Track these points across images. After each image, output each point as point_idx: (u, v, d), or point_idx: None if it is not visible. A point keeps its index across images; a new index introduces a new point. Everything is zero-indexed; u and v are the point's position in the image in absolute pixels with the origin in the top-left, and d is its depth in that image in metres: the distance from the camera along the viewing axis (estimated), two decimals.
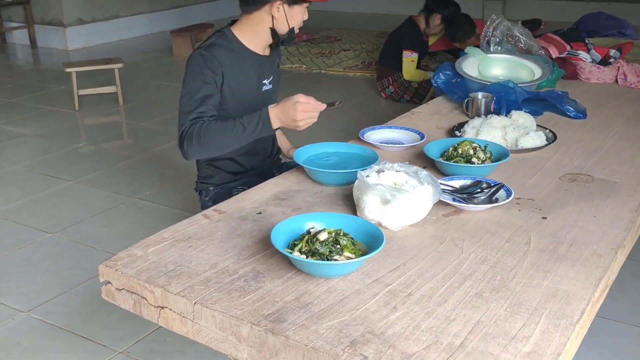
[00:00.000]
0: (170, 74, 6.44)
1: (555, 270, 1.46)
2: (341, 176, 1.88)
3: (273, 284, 1.42)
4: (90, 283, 2.73)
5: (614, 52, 3.13)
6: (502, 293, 1.38)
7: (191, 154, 2.12)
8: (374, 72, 6.13)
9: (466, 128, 2.30)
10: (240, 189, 2.33)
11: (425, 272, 1.46)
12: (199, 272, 1.47)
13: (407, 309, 1.32)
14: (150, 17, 8.61)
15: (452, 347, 1.21)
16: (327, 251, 1.42)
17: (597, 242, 1.59)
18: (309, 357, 1.22)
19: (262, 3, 2.20)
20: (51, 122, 4.97)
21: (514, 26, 3.12)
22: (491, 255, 1.53)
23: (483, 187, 1.83)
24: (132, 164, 4.06)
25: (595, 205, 1.79)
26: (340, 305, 1.34)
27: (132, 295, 1.47)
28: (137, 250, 1.56)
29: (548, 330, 1.26)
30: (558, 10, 8.30)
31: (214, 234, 1.64)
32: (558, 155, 2.16)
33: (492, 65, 2.90)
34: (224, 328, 1.33)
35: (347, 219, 1.56)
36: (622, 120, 2.53)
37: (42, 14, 7.89)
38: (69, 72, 5.21)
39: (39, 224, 3.26)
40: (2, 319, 2.50)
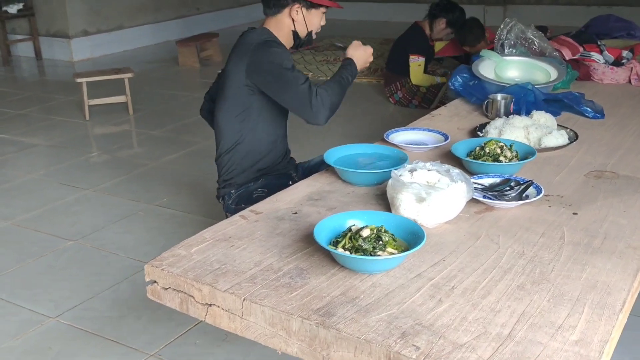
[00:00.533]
0: (178, 83, 6.48)
1: (593, 263, 1.50)
2: (373, 176, 1.91)
3: (318, 280, 1.45)
4: (116, 289, 2.76)
5: (627, 53, 3.18)
6: (543, 285, 1.41)
7: (328, 115, 2.28)
8: (379, 79, 6.18)
9: (488, 128, 2.33)
10: (261, 191, 2.39)
11: (466, 266, 1.50)
12: (244, 270, 1.50)
13: (452, 302, 1.36)
14: (154, 27, 8.66)
15: (501, 337, 1.24)
16: (371, 247, 1.45)
17: (630, 235, 1.63)
18: (362, 349, 1.25)
19: (282, 6, 2.38)
20: (62, 132, 5.01)
21: (527, 29, 3.16)
22: (527, 249, 1.57)
23: (512, 184, 1.86)
24: (146, 171, 4.10)
25: (623, 200, 1.83)
26: (386, 299, 1.37)
27: (179, 293, 1.50)
28: (181, 250, 1.59)
29: (592, 319, 1.29)
30: (558, 15, 8.36)
31: (253, 233, 1.67)
32: (581, 153, 2.20)
33: (508, 68, 2.94)
34: (274, 323, 1.36)
35: (386, 217, 1.60)
36: (639, 120, 2.57)
37: (47, 26, 7.94)
38: (79, 83, 5.25)
39: (60, 232, 3.29)
40: (31, 325, 2.52)
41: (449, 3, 5.32)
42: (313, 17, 2.42)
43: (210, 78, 6.76)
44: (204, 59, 7.33)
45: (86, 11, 7.90)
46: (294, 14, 2.38)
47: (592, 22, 3.94)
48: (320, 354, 1.30)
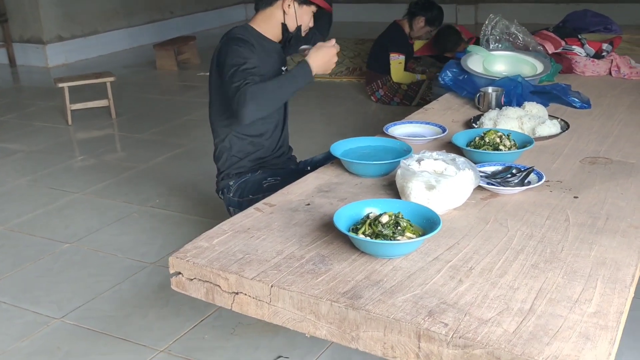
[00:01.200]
0: (158, 87, 6.48)
1: (599, 242, 1.57)
2: (380, 167, 1.97)
3: (340, 265, 1.50)
4: (118, 289, 2.78)
5: (606, 46, 3.29)
6: (555, 264, 1.48)
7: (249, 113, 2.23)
8: (359, 78, 6.25)
9: (483, 120, 2.41)
10: (272, 179, 2.44)
11: (480, 248, 1.56)
12: (267, 258, 1.54)
13: (472, 282, 1.42)
14: (129, 32, 8.63)
15: (523, 312, 1.30)
16: (390, 232, 1.51)
17: (630, 215, 1.71)
18: (391, 328, 1.30)
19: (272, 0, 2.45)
20: (45, 137, 4.98)
21: (511, 24, 3.25)
22: (536, 231, 1.64)
23: (514, 172, 1.94)
24: (136, 174, 4.11)
25: (619, 184, 1.92)
26: (409, 281, 1.43)
27: (205, 283, 1.54)
28: (203, 242, 1.63)
29: (606, 293, 1.36)
30: (528, 12, 8.52)
31: (270, 224, 1.72)
32: (573, 141, 2.28)
33: (495, 62, 3.03)
34: (302, 307, 1.41)
35: (401, 204, 1.65)
36: (623, 109, 2.67)
37: (21, 32, 7.87)
38: (60, 88, 5.23)
39: (55, 235, 3.29)
40: (37, 327, 2.53)
41: (427, 2, 5.42)
42: (304, 12, 2.49)
43: (189, 81, 6.83)
44: (182, 62, 7.34)
45: (60, 16, 7.85)
46: (286, 7, 2.45)
47: (569, 17, 4.06)
48: (350, 335, 1.36)
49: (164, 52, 7.21)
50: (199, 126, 5.04)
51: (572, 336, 1.23)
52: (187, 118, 5.30)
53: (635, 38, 3.85)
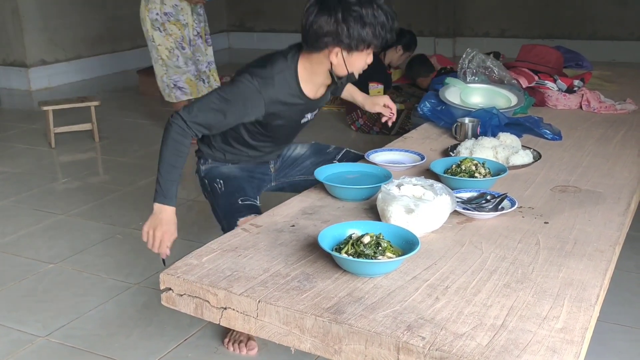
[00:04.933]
0: (141, 112, 6.55)
1: (567, 264, 1.68)
2: (361, 192, 2.07)
3: (324, 283, 1.59)
4: (102, 308, 2.82)
5: (578, 82, 3.44)
6: (526, 284, 1.58)
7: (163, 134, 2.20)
8: (340, 106, 6.38)
9: (460, 149, 2.52)
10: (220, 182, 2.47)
11: (456, 269, 1.66)
12: (254, 275, 1.62)
13: (448, 299, 1.51)
14: (112, 57, 8.70)
15: (495, 327, 1.39)
16: (372, 252, 1.60)
17: (596, 240, 1.82)
18: (372, 341, 1.39)
19: (320, 48, 2.19)
20: (28, 160, 5.02)
21: (487, 58, 3.40)
22: (508, 254, 1.74)
23: (488, 198, 2.04)
24: (120, 196, 4.16)
25: (587, 211, 2.03)
26: (389, 298, 1.52)
27: (194, 299, 1.61)
28: (193, 260, 1.71)
29: (572, 311, 1.46)
30: (504, 47, 8.76)
31: (257, 244, 1.80)
32: (545, 170, 2.40)
33: (472, 94, 3.16)
34: (288, 322, 1.48)
35: (382, 226, 1.75)
36: (593, 141, 2.80)
37: (4, 56, 7.91)
38: (45, 111, 5.28)
39: (39, 256, 3.33)
40: (22, 344, 2.56)
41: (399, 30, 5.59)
42: (355, 59, 2.22)
43: (172, 106, 6.88)
44: None
45: (44, 41, 7.90)
46: (332, 57, 2.19)
47: None
48: (333, 348, 1.44)
49: (147, 77, 7.26)
50: None
51: (541, 350, 1.32)
52: None
53: (605, 74, 4.02)
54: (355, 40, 2.14)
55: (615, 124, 3.04)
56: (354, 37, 2.13)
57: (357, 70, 2.28)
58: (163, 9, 5.24)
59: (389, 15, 2.17)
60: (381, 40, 2.19)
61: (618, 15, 8.25)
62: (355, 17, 2.11)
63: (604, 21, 8.34)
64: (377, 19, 2.14)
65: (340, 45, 2.16)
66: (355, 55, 2.20)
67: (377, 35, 2.16)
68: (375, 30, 2.15)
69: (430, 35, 9.25)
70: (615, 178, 2.32)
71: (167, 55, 5.25)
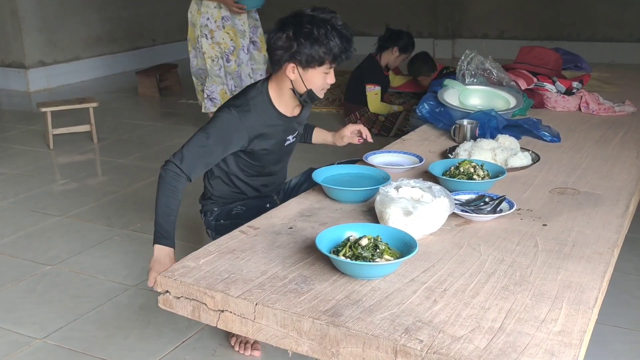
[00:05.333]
0: (140, 113, 6.54)
1: (565, 267, 1.67)
2: (359, 194, 2.06)
3: (322, 285, 1.58)
4: (100, 310, 2.81)
5: (577, 84, 3.44)
6: (524, 286, 1.57)
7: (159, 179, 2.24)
8: (339, 108, 6.37)
9: (459, 151, 2.52)
10: (240, 208, 2.50)
11: (453, 271, 1.65)
12: (252, 278, 1.62)
13: (446, 302, 1.50)
14: (111, 58, 8.70)
15: (493, 330, 1.39)
16: (370, 255, 1.59)
17: (595, 242, 1.81)
18: (370, 344, 1.38)
19: (279, 64, 2.32)
20: (27, 161, 5.01)
21: (486, 60, 3.39)
22: (507, 256, 1.73)
23: (487, 200, 2.04)
24: (118, 198, 4.15)
25: (586, 213, 2.02)
26: (387, 301, 1.51)
27: (191, 301, 1.61)
28: (190, 262, 1.70)
29: (570, 313, 1.46)
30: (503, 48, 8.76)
31: (254, 246, 1.79)
32: (543, 172, 2.40)
33: (471, 96, 3.15)
34: (285, 325, 1.48)
35: (380, 228, 1.74)
36: (591, 143, 2.79)
37: (3, 57, 7.90)
38: (43, 112, 5.27)
39: (37, 257, 3.32)
40: (19, 346, 2.55)
41: (394, 33, 5.59)
42: (312, 76, 2.31)
43: (171, 108, 6.90)
44: (164, 89, 7.41)
45: (43, 42, 7.90)
46: (289, 73, 2.30)
47: None
48: (330, 351, 1.43)
49: (146, 79, 7.28)
50: None
51: (539, 353, 1.31)
52: (168, 144, 5.36)
53: (603, 76, 4.02)
54: (305, 56, 2.25)
55: (614, 125, 3.04)
56: (304, 54, 2.25)
57: (316, 87, 2.35)
58: (220, 13, 5.09)
59: (343, 38, 2.27)
60: (333, 59, 2.28)
61: (617, 17, 8.25)
62: (306, 34, 2.24)
63: (602, 23, 8.34)
64: (329, 39, 2.24)
65: (294, 61, 2.28)
66: (310, 72, 2.30)
67: (328, 54, 2.26)
68: (327, 49, 2.25)
69: (429, 36, 9.25)
70: (614, 180, 2.32)
71: (210, 65, 5.16)
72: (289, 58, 2.27)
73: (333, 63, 2.30)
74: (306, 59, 2.26)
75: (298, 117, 2.51)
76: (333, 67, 2.33)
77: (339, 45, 2.26)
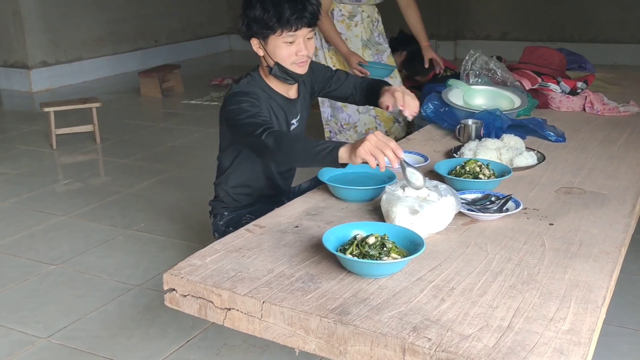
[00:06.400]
0: (142, 113, 6.56)
1: (573, 266, 1.66)
2: (365, 192, 2.05)
3: (329, 284, 1.57)
4: (103, 310, 2.81)
5: (581, 84, 3.43)
6: (532, 285, 1.57)
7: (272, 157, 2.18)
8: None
9: (464, 150, 2.51)
10: (249, 217, 2.46)
11: (461, 270, 1.64)
12: (259, 276, 1.61)
13: (453, 300, 1.50)
14: (113, 59, 8.71)
15: (501, 329, 1.38)
16: (377, 253, 1.59)
17: (602, 242, 1.81)
18: (378, 342, 1.37)
19: (248, 40, 2.32)
20: (29, 161, 5.02)
21: (490, 60, 3.39)
22: (514, 255, 1.73)
23: (492, 199, 2.03)
24: (121, 198, 4.15)
25: (592, 212, 2.02)
26: (394, 299, 1.50)
27: (198, 300, 1.60)
28: (196, 260, 1.70)
29: (579, 312, 1.45)
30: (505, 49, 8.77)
31: (261, 245, 1.79)
32: (549, 172, 2.39)
33: (475, 96, 3.15)
34: (292, 323, 1.47)
35: (386, 227, 1.74)
36: (596, 143, 2.79)
37: (5, 57, 7.91)
38: (46, 112, 5.28)
39: (40, 257, 3.32)
40: (23, 346, 2.55)
41: (406, 37, 5.57)
42: (274, 47, 2.26)
43: (173, 108, 6.90)
44: (166, 90, 7.42)
45: (45, 42, 7.91)
46: (257, 49, 2.31)
47: None
48: (338, 349, 1.42)
49: (149, 79, 7.29)
50: (182, 153, 5.12)
51: (548, 351, 1.31)
52: (171, 144, 5.37)
53: (607, 76, 4.02)
54: (256, 26, 2.23)
55: (619, 126, 3.03)
56: (254, 23, 2.23)
57: (283, 59, 2.27)
58: None
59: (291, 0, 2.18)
60: (286, 23, 2.19)
61: (620, 19, 8.25)
62: (248, 4, 2.23)
63: (605, 24, 8.34)
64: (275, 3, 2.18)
65: (253, 35, 2.27)
66: (271, 43, 2.26)
67: (275, 17, 2.18)
68: (274, 12, 2.18)
69: (432, 37, 9.17)
70: (619, 180, 2.31)
71: None
72: (248, 33, 2.27)
73: (288, 28, 2.21)
74: (258, 29, 2.23)
75: (297, 101, 2.47)
76: (295, 33, 2.22)
77: (286, 7, 2.17)
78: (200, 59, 9.77)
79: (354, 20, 4.09)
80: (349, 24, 4.09)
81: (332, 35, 3.94)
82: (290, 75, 2.32)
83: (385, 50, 4.34)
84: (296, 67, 2.31)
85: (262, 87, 2.37)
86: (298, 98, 2.49)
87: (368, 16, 4.16)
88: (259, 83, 2.38)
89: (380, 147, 1.85)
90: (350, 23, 4.09)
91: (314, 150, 1.99)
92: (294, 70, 2.31)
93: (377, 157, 1.86)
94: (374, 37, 4.25)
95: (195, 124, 6.01)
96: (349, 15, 4.06)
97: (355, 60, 3.97)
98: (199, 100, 6.97)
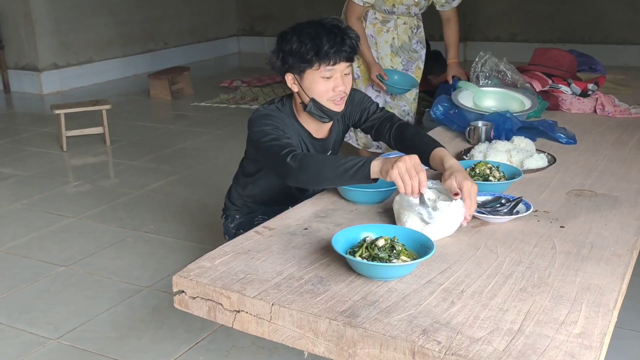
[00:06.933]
0: (152, 116, 6.57)
1: (584, 269, 1.65)
2: (375, 194, 2.05)
3: (338, 286, 1.57)
4: (113, 311, 2.82)
5: (592, 85, 3.41)
6: (542, 288, 1.56)
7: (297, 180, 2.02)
8: None
9: (474, 152, 2.50)
10: (261, 218, 2.45)
11: (471, 273, 1.64)
12: (268, 278, 1.61)
13: (463, 303, 1.49)
14: (123, 61, 8.74)
15: (512, 332, 1.38)
16: (386, 256, 1.58)
17: (613, 245, 1.79)
18: (387, 345, 1.37)
19: (283, 76, 2.22)
20: (40, 163, 5.04)
21: (500, 62, 3.38)
22: (524, 258, 1.72)
23: (503, 202, 2.02)
24: (131, 200, 4.16)
25: (603, 215, 2.00)
26: (404, 302, 1.50)
27: (207, 302, 1.60)
28: (205, 263, 1.70)
29: (590, 316, 1.44)
30: (515, 51, 8.74)
31: (270, 247, 1.79)
32: (560, 174, 2.38)
33: (485, 97, 3.14)
34: (302, 325, 1.47)
35: (396, 229, 1.73)
36: (608, 145, 2.77)
37: (16, 59, 7.95)
38: (57, 114, 5.30)
39: (51, 258, 3.34)
40: (33, 347, 2.56)
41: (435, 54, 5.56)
42: (310, 82, 2.15)
43: (183, 110, 6.93)
44: (176, 92, 7.44)
45: (56, 45, 7.94)
46: (291, 85, 2.21)
47: None
48: (347, 352, 1.42)
49: (158, 81, 7.31)
50: (192, 155, 5.13)
51: (559, 355, 1.30)
52: (180, 146, 5.38)
53: (618, 78, 4.00)
54: (292, 59, 2.13)
55: (630, 127, 3.01)
56: (290, 57, 2.13)
57: (320, 95, 2.17)
58: None
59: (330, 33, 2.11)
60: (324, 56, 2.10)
61: (630, 20, 8.20)
62: (289, 37, 2.14)
63: (615, 25, 8.29)
64: (314, 37, 2.10)
65: (289, 70, 2.17)
66: (307, 78, 2.15)
67: (312, 50, 2.09)
68: (312, 46, 2.09)
69: (441, 39, 9.20)
70: (631, 182, 2.30)
71: None
72: (283, 68, 2.18)
73: (326, 61, 2.11)
74: (294, 63, 2.14)
75: (327, 140, 2.37)
76: (333, 67, 2.12)
77: (325, 40, 2.09)
78: (210, 61, 9.80)
79: (386, 26, 4.05)
80: (380, 28, 4.05)
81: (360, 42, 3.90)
82: (326, 112, 2.21)
83: (417, 60, 4.26)
84: (333, 104, 2.20)
85: (291, 121, 2.27)
86: (328, 138, 2.38)
87: (404, 23, 4.10)
88: (287, 113, 2.28)
89: (411, 175, 1.80)
90: (382, 28, 4.05)
91: (343, 167, 1.91)
92: (330, 107, 2.20)
93: (405, 184, 1.80)
94: (412, 44, 4.19)
95: (205, 126, 6.02)
96: (382, 20, 4.03)
97: (375, 71, 3.95)
98: (209, 103, 6.99)
